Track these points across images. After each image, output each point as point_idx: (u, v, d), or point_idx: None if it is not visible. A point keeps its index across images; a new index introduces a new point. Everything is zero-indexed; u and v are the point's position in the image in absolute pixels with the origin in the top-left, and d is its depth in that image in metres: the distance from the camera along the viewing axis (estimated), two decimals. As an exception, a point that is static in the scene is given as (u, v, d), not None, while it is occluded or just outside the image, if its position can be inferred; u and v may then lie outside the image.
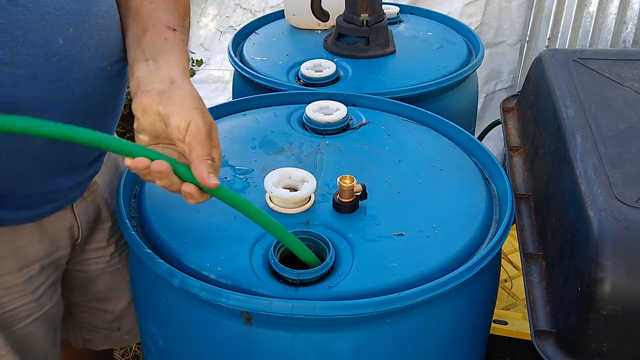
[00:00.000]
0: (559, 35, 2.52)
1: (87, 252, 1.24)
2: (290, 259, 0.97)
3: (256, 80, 1.51)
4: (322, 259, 0.95)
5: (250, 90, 1.54)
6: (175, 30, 1.00)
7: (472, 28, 1.83)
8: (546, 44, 2.56)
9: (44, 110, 0.90)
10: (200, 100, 0.92)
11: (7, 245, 1.06)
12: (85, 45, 0.94)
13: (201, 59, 3.50)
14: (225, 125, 1.30)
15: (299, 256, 0.94)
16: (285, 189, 1.05)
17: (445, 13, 1.97)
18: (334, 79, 1.52)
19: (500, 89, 2.74)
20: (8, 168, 0.96)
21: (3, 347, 1.08)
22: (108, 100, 1.04)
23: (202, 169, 0.87)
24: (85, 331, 1.37)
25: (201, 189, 0.89)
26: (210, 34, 3.57)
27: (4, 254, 1.07)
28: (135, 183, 1.15)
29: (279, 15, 1.87)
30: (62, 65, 0.91)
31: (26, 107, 0.88)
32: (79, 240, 1.18)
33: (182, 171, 0.88)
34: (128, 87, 0.97)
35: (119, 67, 1.03)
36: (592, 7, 2.41)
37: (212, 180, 0.87)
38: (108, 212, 1.22)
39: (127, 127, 2.60)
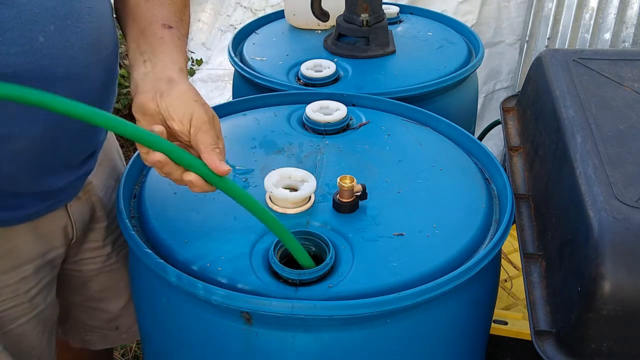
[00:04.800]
0: (559, 35, 2.52)
1: (82, 252, 1.24)
2: (290, 259, 0.97)
3: (256, 80, 1.51)
4: (322, 259, 0.95)
5: (250, 90, 1.54)
6: (171, 27, 1.00)
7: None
8: (546, 44, 2.56)
9: (29, 109, 0.90)
10: (198, 94, 0.93)
11: (0, 245, 1.06)
12: (68, 43, 0.93)
13: (201, 59, 3.50)
14: (225, 125, 1.28)
15: (297, 259, 0.94)
16: (285, 189, 1.05)
17: (439, 11, 1.97)
18: (334, 79, 1.52)
19: (500, 89, 2.74)
20: None
21: None
22: (96, 95, 1.02)
23: (213, 157, 0.88)
24: (84, 331, 1.37)
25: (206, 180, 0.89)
26: (211, 33, 3.57)
27: None
28: (135, 183, 1.15)
29: (279, 15, 1.87)
30: (44, 63, 0.90)
31: (11, 105, 0.87)
32: (73, 240, 1.18)
33: (187, 159, 0.87)
34: (128, 86, 0.97)
35: (108, 61, 1.02)
36: (592, 7, 2.41)
37: (224, 167, 0.87)
38: (103, 211, 1.22)
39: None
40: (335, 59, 1.60)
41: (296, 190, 1.05)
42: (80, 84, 0.96)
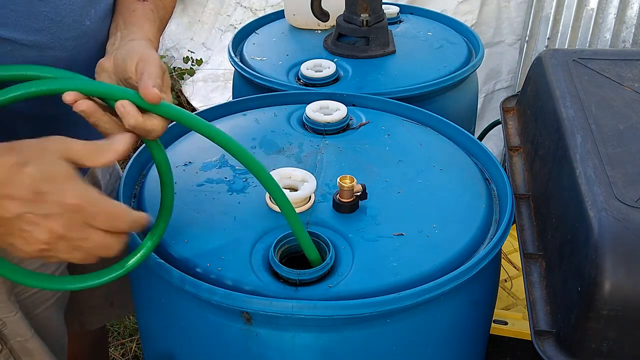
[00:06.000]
0: (559, 35, 2.53)
1: None
2: (290, 259, 0.97)
3: (256, 80, 1.51)
4: (322, 259, 0.95)
5: (250, 90, 1.54)
6: (144, 0, 1.03)
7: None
8: (546, 44, 2.56)
9: None
10: (155, 51, 0.92)
11: None
12: (103, 24, 0.98)
13: (201, 59, 3.50)
14: (225, 125, 1.30)
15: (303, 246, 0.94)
16: (285, 189, 1.05)
17: (439, 11, 1.97)
18: (334, 79, 1.52)
19: (500, 89, 2.75)
20: None
21: (27, 332, 1.11)
22: None
23: (147, 82, 0.81)
24: (80, 313, 1.39)
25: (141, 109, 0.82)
26: (211, 33, 3.57)
27: None
28: (135, 183, 1.15)
29: (279, 15, 1.87)
30: (90, 46, 0.96)
31: None
32: None
33: (119, 92, 0.81)
34: None
35: None
36: (592, 7, 2.41)
37: (154, 92, 0.79)
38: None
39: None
40: (335, 59, 1.60)
41: (296, 190, 1.05)
42: None
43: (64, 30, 0.92)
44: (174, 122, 0.98)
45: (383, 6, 1.66)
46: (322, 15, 1.69)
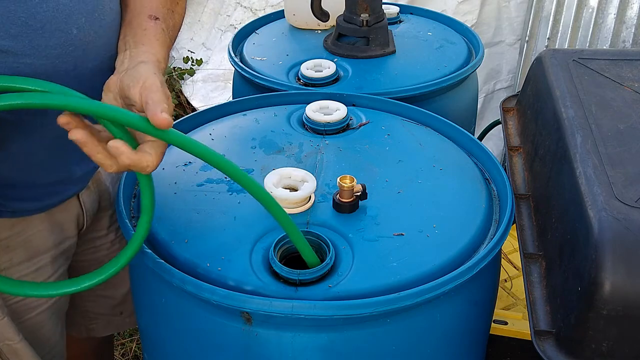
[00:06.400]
0: (559, 35, 2.52)
1: (89, 241, 1.27)
2: (290, 259, 0.97)
3: (256, 80, 1.51)
4: (322, 259, 0.95)
5: (250, 90, 1.54)
6: (157, 18, 1.02)
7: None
8: (546, 44, 2.56)
9: None
10: (161, 75, 0.91)
11: (18, 235, 1.09)
12: (96, 34, 0.97)
13: (201, 59, 3.50)
14: (225, 125, 1.30)
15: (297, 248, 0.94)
16: (285, 189, 1.05)
17: (439, 11, 1.97)
18: (334, 79, 1.52)
19: (500, 89, 2.75)
20: (26, 158, 0.99)
21: (15, 336, 1.11)
22: None
23: (154, 108, 0.80)
24: (89, 320, 1.39)
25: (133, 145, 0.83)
26: (211, 33, 3.57)
27: (16, 244, 1.09)
28: (136, 183, 1.15)
29: (279, 15, 1.87)
30: (77, 54, 0.94)
31: None
32: (83, 229, 1.21)
33: (123, 117, 0.81)
34: None
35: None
36: (592, 7, 2.41)
37: (163, 117, 0.79)
38: (109, 200, 1.25)
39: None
40: (335, 59, 1.60)
41: (296, 190, 1.05)
42: (104, 77, 0.98)
43: (45, 38, 0.90)
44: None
45: (383, 6, 1.66)
46: (322, 15, 1.69)
